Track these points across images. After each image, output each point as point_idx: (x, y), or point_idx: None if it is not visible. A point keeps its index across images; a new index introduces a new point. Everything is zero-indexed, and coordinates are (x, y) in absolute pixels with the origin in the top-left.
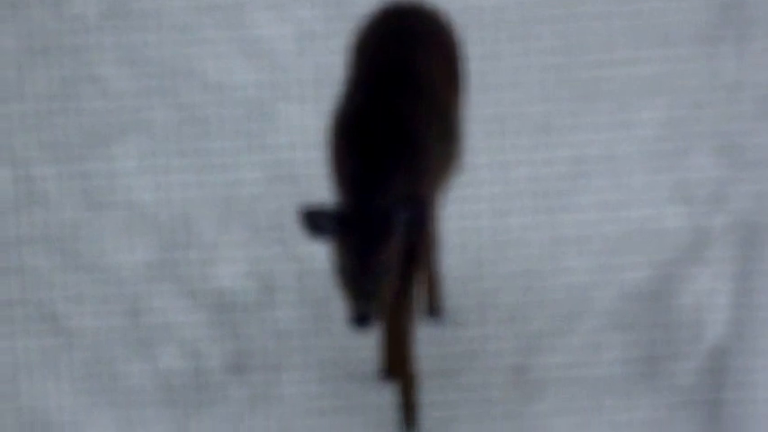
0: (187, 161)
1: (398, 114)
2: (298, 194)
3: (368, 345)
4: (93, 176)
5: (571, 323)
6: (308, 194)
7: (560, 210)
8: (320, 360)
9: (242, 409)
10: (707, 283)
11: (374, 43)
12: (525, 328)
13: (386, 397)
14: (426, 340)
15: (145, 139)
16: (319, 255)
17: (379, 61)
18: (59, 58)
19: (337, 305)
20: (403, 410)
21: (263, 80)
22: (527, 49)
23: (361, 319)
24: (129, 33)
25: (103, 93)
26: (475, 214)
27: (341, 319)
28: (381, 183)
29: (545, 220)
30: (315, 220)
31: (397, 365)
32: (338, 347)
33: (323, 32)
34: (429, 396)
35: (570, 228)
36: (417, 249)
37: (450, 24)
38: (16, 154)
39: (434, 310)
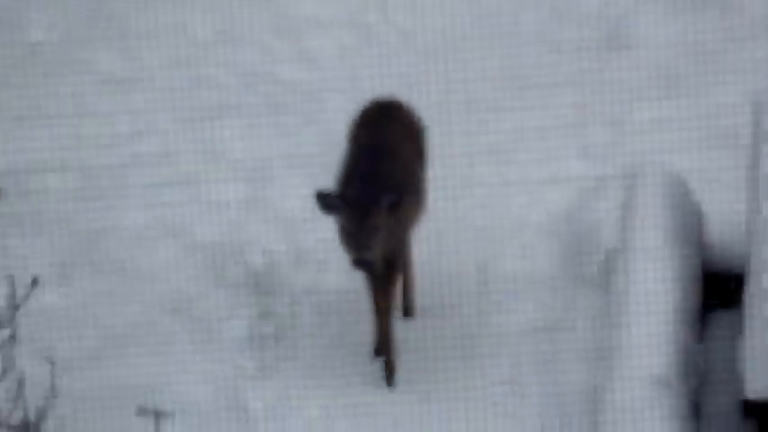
0: (266, 130)
1: (377, 165)
2: (339, 152)
3: (365, 339)
4: (211, 139)
5: (515, 233)
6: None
7: (507, 162)
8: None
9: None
10: (603, 208)
11: (364, 125)
12: (485, 234)
13: (375, 366)
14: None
15: (241, 114)
16: None
17: (366, 137)
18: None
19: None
20: (385, 372)
21: (314, 78)
22: (485, 61)
23: (360, 262)
24: (237, 52)
25: (217, 86)
26: (450, 164)
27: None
28: (367, 195)
29: (497, 170)
30: (326, 200)
31: (382, 347)
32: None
33: (355, 45)
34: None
35: (514, 174)
36: (396, 265)
37: (414, 112)
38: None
39: (408, 310)
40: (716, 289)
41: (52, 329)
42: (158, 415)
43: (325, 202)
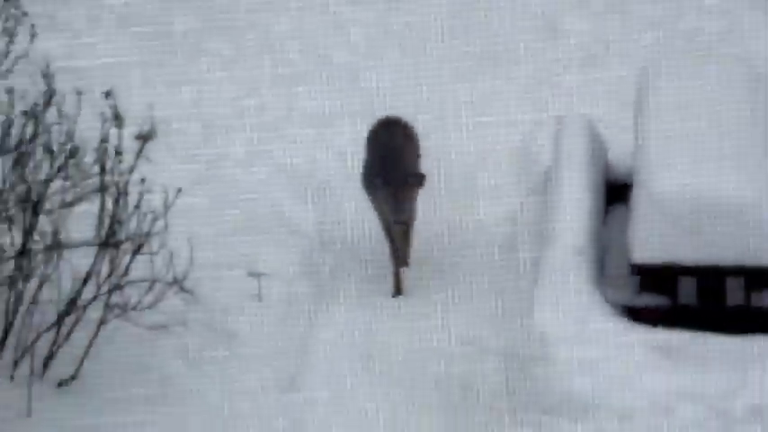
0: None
1: (395, 160)
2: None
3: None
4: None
5: (486, 159)
6: None
7: (479, 113)
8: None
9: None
10: (544, 140)
11: (378, 136)
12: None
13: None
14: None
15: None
16: None
17: (383, 141)
18: None
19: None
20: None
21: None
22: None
23: (400, 222)
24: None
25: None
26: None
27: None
28: (394, 170)
29: (472, 118)
30: (370, 180)
31: (398, 285)
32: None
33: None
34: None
35: (484, 119)
36: (412, 221)
37: (412, 127)
38: None
39: (398, 291)
40: (613, 192)
41: (190, 221)
42: (260, 275)
43: (369, 182)
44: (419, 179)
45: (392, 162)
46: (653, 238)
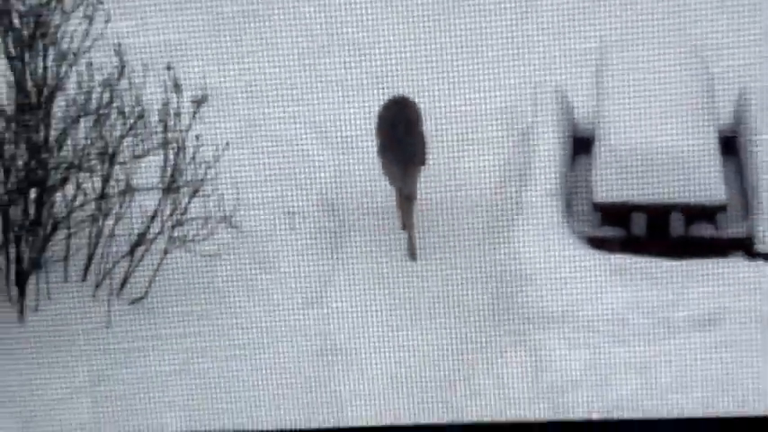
0: None
1: (405, 135)
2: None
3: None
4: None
5: (471, 124)
6: None
7: (472, 90)
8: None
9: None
10: (526, 96)
11: (387, 114)
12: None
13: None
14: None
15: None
16: None
17: (390, 116)
18: None
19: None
20: (410, 250)
21: None
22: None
23: (409, 196)
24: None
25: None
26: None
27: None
28: (402, 151)
29: (464, 97)
30: (383, 153)
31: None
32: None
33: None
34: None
35: (474, 102)
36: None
37: (416, 104)
38: None
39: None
40: (579, 145)
41: (236, 169)
42: (293, 213)
43: (383, 154)
44: (422, 158)
45: (400, 139)
46: (610, 181)
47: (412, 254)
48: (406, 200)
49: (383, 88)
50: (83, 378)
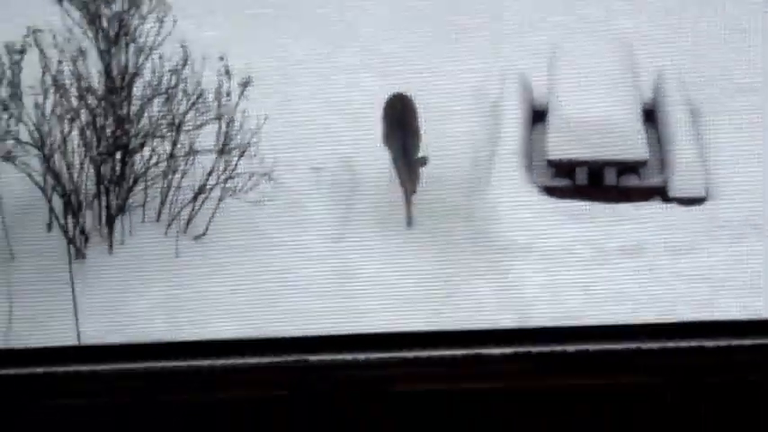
0: None
1: (402, 128)
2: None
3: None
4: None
5: (449, 99)
6: None
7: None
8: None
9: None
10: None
11: (389, 107)
12: None
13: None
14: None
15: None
16: None
17: (391, 112)
18: None
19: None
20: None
21: None
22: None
23: (412, 188)
24: None
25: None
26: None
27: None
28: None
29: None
30: (389, 144)
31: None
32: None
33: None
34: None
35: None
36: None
37: (414, 101)
38: None
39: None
40: (536, 115)
41: (274, 136)
42: (319, 169)
43: (389, 145)
44: (424, 161)
45: (403, 133)
46: (560, 143)
47: (409, 221)
48: (409, 191)
49: (385, 75)
50: (158, 295)
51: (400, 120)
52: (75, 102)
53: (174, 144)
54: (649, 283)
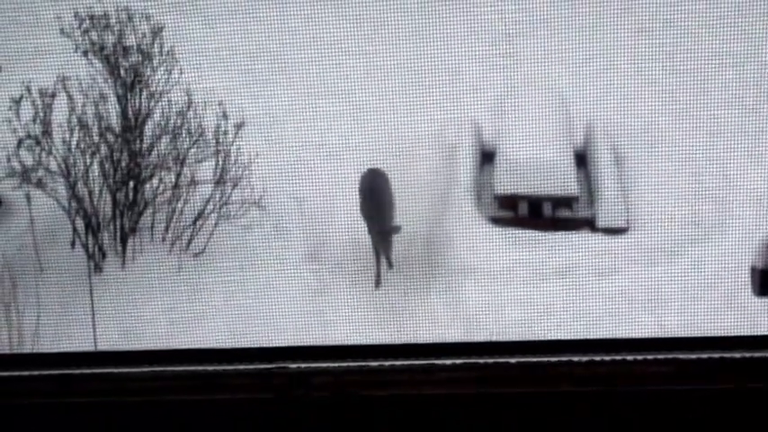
0: None
1: (377, 201)
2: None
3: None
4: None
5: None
6: None
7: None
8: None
9: None
10: None
11: (364, 182)
12: None
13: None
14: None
15: None
16: None
17: (366, 187)
18: None
19: None
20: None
21: None
22: None
23: (387, 256)
24: None
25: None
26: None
27: None
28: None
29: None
30: (364, 216)
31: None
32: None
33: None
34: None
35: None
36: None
37: (387, 175)
38: None
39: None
40: (485, 156)
41: (261, 169)
42: (300, 199)
43: (364, 216)
44: (397, 230)
45: (379, 206)
46: (505, 181)
47: (378, 282)
48: (382, 256)
49: (357, 120)
50: (163, 304)
51: (374, 193)
52: (96, 138)
53: (179, 175)
54: (578, 301)
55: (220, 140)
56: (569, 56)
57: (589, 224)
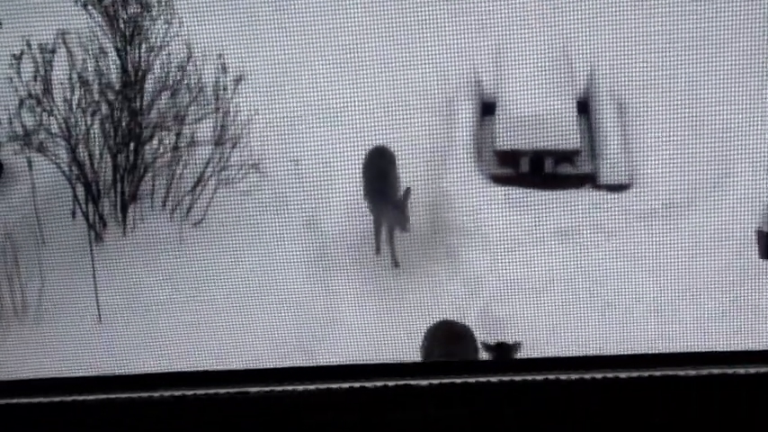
0: None
1: (387, 179)
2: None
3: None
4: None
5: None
6: None
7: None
8: None
9: None
10: None
11: (369, 160)
12: None
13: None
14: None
15: None
16: None
17: (371, 166)
18: None
19: None
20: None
21: None
22: None
23: (405, 228)
24: None
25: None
26: None
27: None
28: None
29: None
30: (371, 197)
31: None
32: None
33: None
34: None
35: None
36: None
37: (393, 153)
38: None
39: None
40: (485, 109)
41: (260, 129)
42: (297, 161)
43: (370, 198)
44: (408, 192)
45: (384, 183)
46: (506, 136)
47: (395, 263)
48: (401, 229)
49: (357, 76)
50: (164, 269)
51: (380, 171)
52: (96, 96)
53: (178, 135)
54: (582, 263)
55: (219, 96)
56: (570, 2)
57: (591, 180)
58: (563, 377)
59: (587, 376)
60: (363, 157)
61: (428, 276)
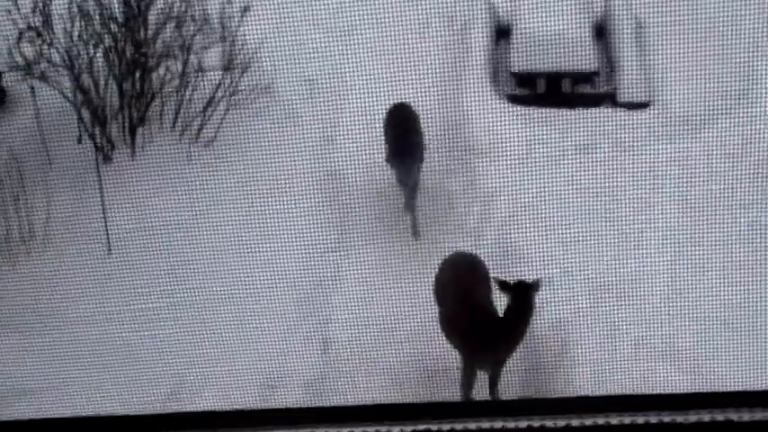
0: None
1: (411, 136)
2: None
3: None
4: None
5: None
6: None
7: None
8: None
9: None
10: None
11: (393, 114)
12: None
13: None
14: None
15: None
16: None
17: (397, 119)
18: None
19: None
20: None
21: None
22: None
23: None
24: None
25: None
26: None
27: None
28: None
29: None
30: (394, 156)
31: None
32: None
33: None
34: None
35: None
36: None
37: (413, 108)
38: None
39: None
40: (501, 32)
41: (270, 53)
42: (311, 80)
43: (393, 157)
44: (421, 156)
45: (408, 142)
46: (522, 57)
47: (415, 232)
48: (410, 190)
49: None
50: (174, 188)
51: (405, 130)
52: (98, 28)
53: (185, 63)
54: (599, 175)
55: (227, 25)
56: None
57: (611, 98)
58: (549, 423)
59: (575, 422)
60: (385, 115)
61: (446, 196)
